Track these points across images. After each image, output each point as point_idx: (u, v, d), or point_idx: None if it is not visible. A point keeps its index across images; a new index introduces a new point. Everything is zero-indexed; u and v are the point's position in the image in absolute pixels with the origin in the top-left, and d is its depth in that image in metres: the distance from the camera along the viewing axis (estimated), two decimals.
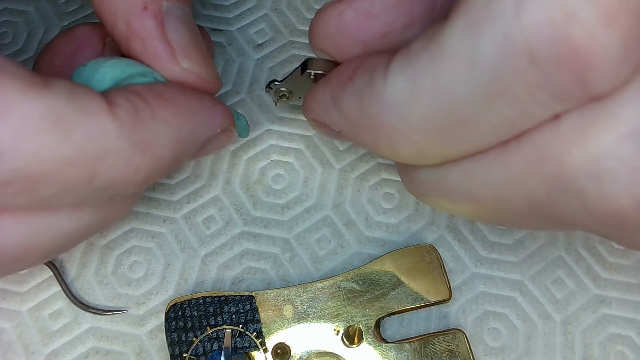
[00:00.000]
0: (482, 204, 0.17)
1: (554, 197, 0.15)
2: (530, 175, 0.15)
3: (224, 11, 0.29)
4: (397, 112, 0.16)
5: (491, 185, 0.16)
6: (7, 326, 0.23)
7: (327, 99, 0.19)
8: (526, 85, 0.13)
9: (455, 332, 0.22)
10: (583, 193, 0.14)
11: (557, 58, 0.13)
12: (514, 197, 0.16)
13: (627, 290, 0.24)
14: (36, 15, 0.29)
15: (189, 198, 0.25)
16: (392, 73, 0.16)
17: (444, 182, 0.18)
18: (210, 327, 0.22)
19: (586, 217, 0.15)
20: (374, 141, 0.17)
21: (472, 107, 0.14)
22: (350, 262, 0.24)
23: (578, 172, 0.14)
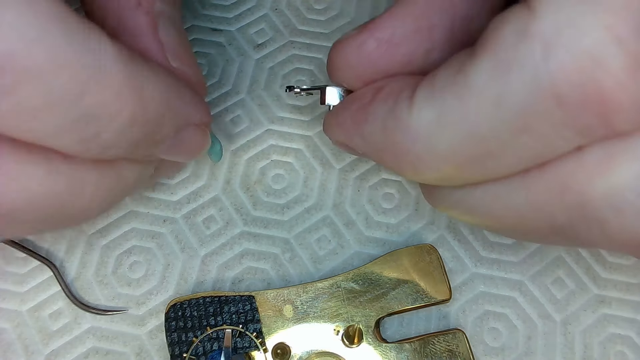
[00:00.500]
0: (503, 224, 0.18)
1: (575, 223, 0.16)
2: (552, 203, 0.16)
3: (224, 11, 0.29)
4: (422, 142, 0.16)
5: (513, 208, 0.17)
6: (7, 326, 0.23)
7: (348, 123, 0.19)
8: (552, 124, 0.14)
9: (455, 332, 0.22)
10: (604, 223, 0.15)
11: (583, 101, 0.13)
12: (535, 220, 0.17)
13: (627, 290, 0.24)
14: None
15: (189, 198, 0.25)
16: (417, 104, 0.16)
17: (465, 202, 0.18)
18: (210, 327, 0.22)
19: (607, 243, 0.16)
20: (399, 166, 0.18)
21: (497, 142, 0.15)
22: (350, 262, 0.24)
23: (600, 203, 0.15)
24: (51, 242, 0.24)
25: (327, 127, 0.21)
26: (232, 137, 0.27)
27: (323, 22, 0.29)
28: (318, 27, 0.29)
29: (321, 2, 0.30)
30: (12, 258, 0.24)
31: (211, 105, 0.27)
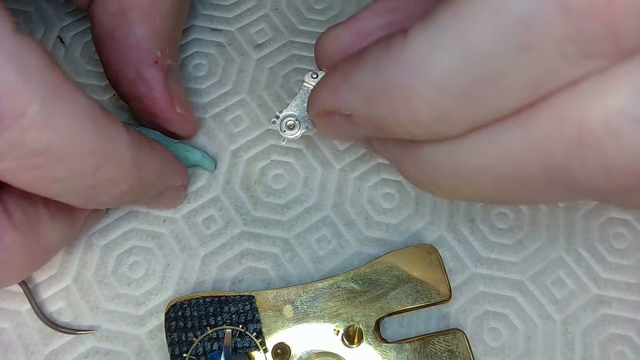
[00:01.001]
0: (495, 177, 0.17)
1: (572, 160, 0.15)
2: (549, 139, 0.15)
3: (224, 11, 0.29)
4: (418, 72, 0.15)
5: (507, 153, 0.16)
6: (7, 326, 0.23)
7: (337, 80, 0.19)
8: (555, 38, 0.13)
9: (455, 332, 0.22)
10: (602, 152, 0.14)
11: (590, 8, 0.12)
12: (530, 163, 0.16)
13: (627, 290, 0.24)
14: (36, 16, 0.29)
15: (189, 198, 0.25)
16: (412, 33, 0.16)
17: (453, 159, 0.17)
18: (210, 327, 0.22)
19: (603, 179, 0.15)
20: (392, 110, 0.17)
21: (497, 63, 0.14)
22: (350, 262, 0.24)
23: (598, 131, 0.14)
24: None
25: (313, 98, 0.21)
26: (232, 137, 0.27)
27: (323, 22, 0.29)
28: (318, 27, 0.29)
29: (321, 2, 0.30)
30: None
31: (211, 105, 0.27)
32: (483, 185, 0.18)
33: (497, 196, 0.18)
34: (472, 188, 0.18)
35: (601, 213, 0.25)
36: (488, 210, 0.25)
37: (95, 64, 0.28)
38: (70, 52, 0.29)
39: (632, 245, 0.24)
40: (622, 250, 0.24)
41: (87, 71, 0.28)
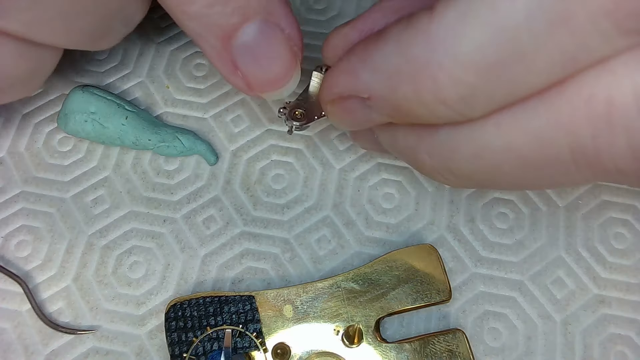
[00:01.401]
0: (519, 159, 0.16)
1: (599, 139, 0.15)
2: (577, 118, 0.15)
3: None
4: (445, 47, 0.15)
5: (533, 134, 0.15)
6: (7, 326, 0.23)
7: (354, 63, 0.18)
8: (592, 11, 0.13)
9: (455, 332, 0.22)
10: (631, 130, 0.14)
11: None
12: (557, 145, 0.15)
13: (627, 290, 0.24)
14: None
15: (189, 198, 0.25)
16: (440, 8, 0.15)
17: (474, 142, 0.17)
18: (210, 327, 0.22)
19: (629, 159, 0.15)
20: (415, 88, 0.16)
21: (530, 37, 0.14)
22: (350, 262, 0.24)
23: (628, 108, 0.14)
24: (51, 242, 0.24)
25: (328, 83, 0.20)
26: (232, 137, 0.27)
27: (323, 22, 0.29)
28: (318, 27, 0.29)
29: (321, 2, 0.30)
30: (12, 258, 0.24)
31: (211, 105, 0.27)
32: (506, 169, 0.17)
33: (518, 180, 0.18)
34: (492, 172, 0.17)
35: (601, 213, 0.25)
36: (488, 210, 0.25)
37: (95, 64, 0.28)
38: (70, 51, 0.29)
39: (632, 245, 0.24)
40: (622, 250, 0.24)
41: (87, 71, 0.28)
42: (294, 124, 0.22)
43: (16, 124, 0.27)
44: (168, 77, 0.28)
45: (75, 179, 0.26)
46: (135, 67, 0.28)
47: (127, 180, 0.26)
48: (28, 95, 0.25)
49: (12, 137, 0.27)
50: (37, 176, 0.26)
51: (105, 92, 0.26)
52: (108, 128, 0.25)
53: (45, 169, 0.26)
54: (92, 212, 0.25)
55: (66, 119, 0.25)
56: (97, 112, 0.25)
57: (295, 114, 0.22)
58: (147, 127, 0.26)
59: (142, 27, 0.29)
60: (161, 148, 0.26)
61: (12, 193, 0.25)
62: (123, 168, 0.26)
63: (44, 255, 0.24)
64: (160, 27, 0.29)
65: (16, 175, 0.26)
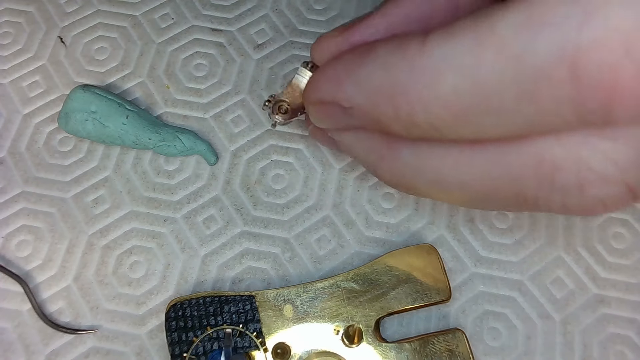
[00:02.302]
0: (470, 193, 0.19)
1: (540, 193, 0.17)
2: (526, 173, 0.17)
3: (224, 11, 0.30)
4: (427, 82, 0.16)
5: (486, 177, 0.18)
6: (7, 326, 0.23)
7: (340, 73, 0.19)
8: (557, 100, 0.14)
9: (455, 332, 0.22)
10: (567, 193, 0.17)
11: (596, 83, 0.13)
12: (505, 189, 0.18)
13: (627, 290, 0.24)
14: (37, 16, 0.29)
15: (189, 198, 0.25)
16: (431, 42, 0.16)
17: (434, 171, 0.19)
18: (210, 326, 0.22)
19: (559, 209, 0.18)
20: (394, 109, 0.17)
21: (500, 100, 0.15)
22: (350, 262, 0.24)
23: (568, 179, 0.16)
24: (51, 242, 0.24)
25: (312, 87, 0.21)
26: (232, 137, 0.27)
27: (323, 22, 0.29)
28: (318, 28, 0.29)
29: (321, 2, 0.30)
30: (13, 258, 0.24)
31: (211, 105, 0.27)
32: (458, 195, 0.19)
33: (470, 203, 0.20)
34: (447, 195, 0.20)
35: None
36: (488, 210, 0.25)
37: (95, 64, 0.28)
38: (71, 52, 0.29)
39: (632, 245, 0.24)
40: (621, 250, 0.24)
41: (88, 71, 0.28)
42: (277, 118, 0.22)
43: (17, 124, 0.27)
44: (168, 77, 0.28)
45: (76, 179, 0.26)
46: (135, 67, 0.28)
47: (128, 180, 0.26)
48: None
49: (12, 137, 0.27)
50: (37, 176, 0.26)
51: (105, 92, 0.26)
52: (109, 127, 0.25)
53: (45, 169, 0.26)
54: (93, 212, 0.25)
55: (67, 118, 0.25)
56: (98, 112, 0.25)
57: (279, 108, 0.23)
58: (147, 126, 0.26)
59: (142, 27, 0.29)
60: (161, 147, 0.26)
61: (12, 193, 0.25)
62: (123, 168, 0.26)
63: (45, 255, 0.24)
64: (160, 27, 0.29)
65: (17, 175, 0.26)
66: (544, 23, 0.14)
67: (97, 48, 0.29)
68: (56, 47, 0.29)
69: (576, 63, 0.13)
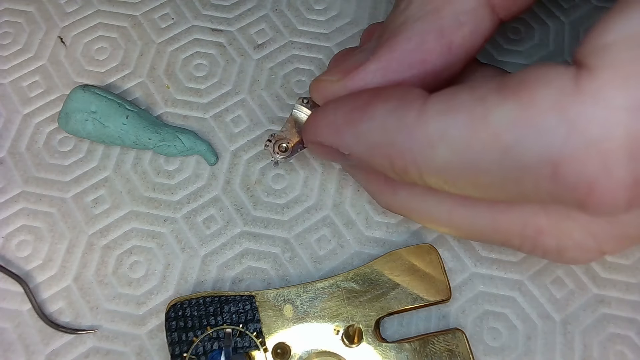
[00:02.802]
0: (461, 236, 0.22)
1: (524, 249, 0.20)
2: (512, 232, 0.19)
3: (224, 11, 0.30)
4: (422, 149, 0.17)
5: (475, 229, 0.20)
6: (7, 326, 0.23)
7: (340, 122, 0.20)
8: (539, 187, 0.16)
9: (455, 332, 0.22)
10: (548, 253, 0.19)
11: (574, 187, 0.15)
12: (492, 240, 0.20)
13: (627, 290, 0.24)
14: (37, 16, 0.29)
15: (189, 198, 0.25)
16: (429, 113, 0.17)
17: (427, 216, 0.21)
18: (210, 326, 0.22)
19: (541, 256, 0.20)
20: (390, 163, 0.19)
21: (487, 177, 0.17)
22: (350, 262, 0.24)
23: (550, 242, 0.19)
24: (51, 242, 0.24)
25: (311, 127, 0.21)
26: (232, 137, 0.27)
27: (323, 22, 0.29)
28: (318, 28, 0.29)
29: (321, 2, 0.30)
30: (13, 258, 0.24)
31: (211, 105, 0.27)
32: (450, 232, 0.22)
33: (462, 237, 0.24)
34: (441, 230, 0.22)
35: None
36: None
37: (95, 64, 0.28)
38: (71, 52, 0.29)
39: None
40: None
41: (88, 71, 0.28)
42: (278, 157, 0.23)
43: (17, 124, 0.27)
44: (168, 77, 0.28)
45: (76, 179, 0.26)
46: (135, 67, 0.28)
47: (128, 180, 0.26)
48: None
49: (12, 137, 0.27)
50: (37, 176, 0.26)
51: (106, 92, 0.26)
52: (109, 127, 0.25)
53: (45, 169, 0.26)
54: (93, 212, 0.25)
55: (67, 118, 0.25)
56: (98, 112, 0.25)
57: (279, 146, 0.23)
58: (147, 126, 0.26)
59: (142, 27, 0.29)
60: (161, 147, 0.26)
61: (12, 193, 0.25)
62: (123, 168, 0.26)
63: (45, 255, 0.24)
64: (160, 27, 0.29)
65: (17, 175, 0.26)
66: (534, 126, 0.15)
67: (97, 48, 0.29)
68: (56, 47, 0.29)
69: (557, 166, 0.15)
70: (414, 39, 0.20)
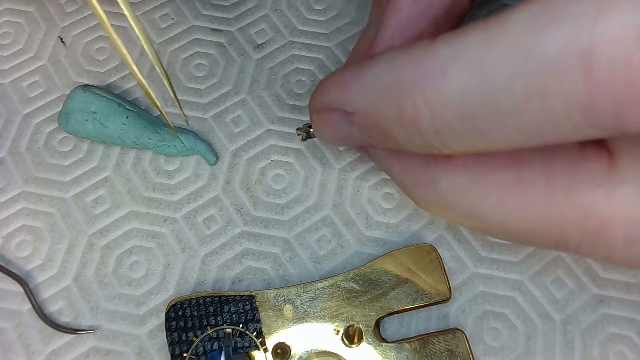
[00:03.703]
0: (509, 232, 0.18)
1: (584, 244, 0.17)
2: (571, 224, 0.17)
3: (224, 11, 0.30)
4: (432, 81, 0.16)
5: (527, 221, 0.17)
6: (7, 326, 0.23)
7: (347, 76, 0.19)
8: (568, 98, 0.13)
9: (455, 332, 0.22)
10: (613, 249, 0.16)
11: (609, 83, 0.13)
12: (546, 236, 0.17)
13: (627, 290, 0.24)
14: (37, 16, 0.29)
15: (189, 198, 0.25)
16: (439, 41, 0.16)
17: (472, 207, 0.18)
18: (210, 326, 0.22)
19: (604, 261, 0.17)
20: (397, 111, 0.17)
21: (507, 99, 0.14)
22: (350, 262, 0.24)
23: (617, 233, 0.16)
24: (51, 242, 0.24)
25: (318, 90, 0.20)
26: (232, 137, 0.27)
27: (323, 22, 0.29)
28: (318, 28, 0.29)
29: (321, 2, 0.30)
30: (13, 258, 0.24)
31: (211, 105, 0.27)
32: (493, 231, 0.19)
33: (504, 239, 0.20)
34: (482, 229, 0.19)
35: None
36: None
37: (95, 64, 0.28)
38: (71, 52, 0.29)
39: None
40: None
41: (88, 71, 0.28)
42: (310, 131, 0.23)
43: (17, 124, 0.27)
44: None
45: (76, 179, 0.26)
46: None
47: (128, 180, 0.26)
48: None
49: (12, 137, 0.27)
50: (37, 176, 0.26)
51: (106, 92, 0.26)
52: (109, 127, 0.25)
53: (45, 169, 0.26)
54: (93, 212, 0.25)
55: (67, 118, 0.25)
56: (98, 112, 0.25)
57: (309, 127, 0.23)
58: (147, 126, 0.26)
59: (142, 27, 0.29)
60: (161, 147, 0.26)
61: (12, 193, 0.25)
62: (123, 168, 0.26)
63: (45, 255, 0.24)
64: (160, 27, 0.29)
65: (17, 175, 0.26)
66: (556, 17, 0.13)
67: (97, 48, 0.29)
68: (56, 47, 0.29)
69: (589, 58, 0.13)
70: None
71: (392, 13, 0.19)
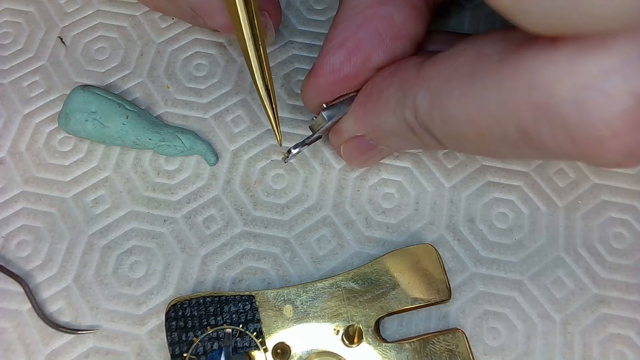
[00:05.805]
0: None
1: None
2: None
3: None
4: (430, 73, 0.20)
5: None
6: (7, 326, 0.23)
7: (359, 113, 0.23)
8: None
9: (455, 332, 0.22)
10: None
11: None
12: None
13: (627, 290, 0.24)
14: (37, 16, 0.29)
15: (189, 198, 0.25)
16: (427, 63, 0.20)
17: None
18: (210, 326, 0.22)
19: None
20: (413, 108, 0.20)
21: None
22: (350, 262, 0.24)
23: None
24: (51, 242, 0.24)
25: (336, 127, 0.24)
26: (233, 137, 0.27)
27: (323, 22, 0.29)
28: (318, 27, 0.29)
29: (321, 2, 0.30)
30: (13, 258, 0.24)
31: (211, 105, 0.27)
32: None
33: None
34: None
35: (600, 213, 0.25)
36: (488, 210, 0.25)
37: (95, 64, 0.28)
38: (71, 52, 0.29)
39: (632, 246, 0.24)
40: (621, 250, 0.24)
41: (88, 71, 0.28)
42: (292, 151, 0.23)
43: (17, 124, 0.27)
44: (168, 77, 0.28)
45: (76, 179, 0.26)
46: (135, 67, 0.28)
47: (128, 180, 0.26)
48: None
49: (12, 137, 0.27)
50: (37, 176, 0.26)
51: (106, 92, 0.26)
52: (109, 127, 0.25)
53: (45, 169, 0.26)
54: (93, 212, 0.25)
55: (67, 118, 0.25)
56: (98, 112, 0.25)
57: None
58: (147, 126, 0.26)
59: (142, 27, 0.29)
60: (162, 147, 0.26)
61: (12, 193, 0.25)
62: (123, 168, 0.26)
63: (45, 255, 0.24)
64: (160, 27, 0.29)
65: (17, 175, 0.26)
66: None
67: (97, 48, 0.29)
68: (56, 47, 0.29)
69: None
70: None
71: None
